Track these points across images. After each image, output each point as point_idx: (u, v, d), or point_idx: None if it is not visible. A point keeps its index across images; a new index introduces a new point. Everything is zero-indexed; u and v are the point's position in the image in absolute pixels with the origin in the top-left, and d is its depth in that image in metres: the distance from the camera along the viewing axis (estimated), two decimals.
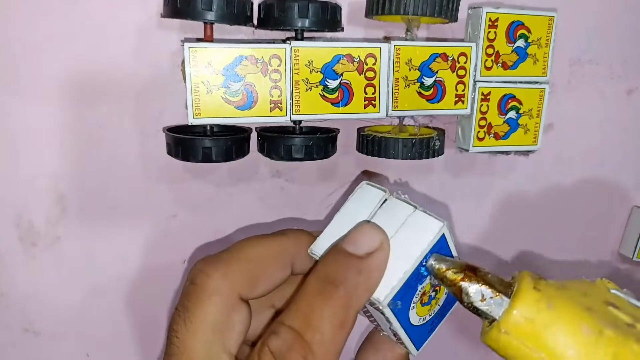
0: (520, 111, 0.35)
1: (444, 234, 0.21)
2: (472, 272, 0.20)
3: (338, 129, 0.34)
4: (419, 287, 0.21)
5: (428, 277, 0.21)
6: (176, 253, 0.36)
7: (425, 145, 0.33)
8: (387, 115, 0.32)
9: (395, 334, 0.22)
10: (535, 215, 0.43)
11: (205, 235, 0.36)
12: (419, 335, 0.23)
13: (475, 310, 0.20)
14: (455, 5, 0.31)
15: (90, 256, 0.35)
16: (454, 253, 0.22)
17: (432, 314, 0.24)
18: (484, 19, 0.33)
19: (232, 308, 0.20)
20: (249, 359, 0.19)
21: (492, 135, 0.35)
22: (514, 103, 0.35)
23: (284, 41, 0.30)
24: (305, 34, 0.31)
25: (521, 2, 0.37)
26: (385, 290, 0.20)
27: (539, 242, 0.44)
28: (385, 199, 0.22)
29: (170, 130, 0.31)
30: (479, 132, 0.35)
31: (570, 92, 0.41)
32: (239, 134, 0.32)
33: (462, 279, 0.20)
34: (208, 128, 0.31)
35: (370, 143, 0.33)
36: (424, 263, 0.21)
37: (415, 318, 0.22)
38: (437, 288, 0.23)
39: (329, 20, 0.30)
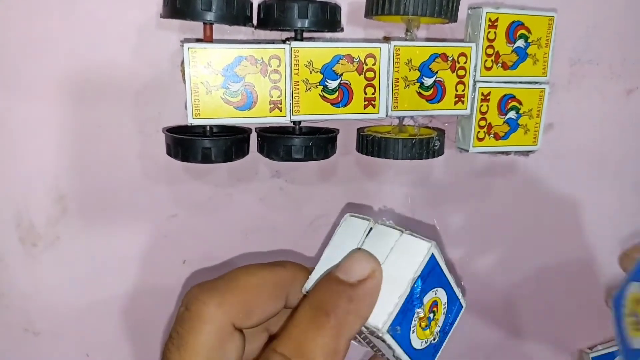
0: (520, 111, 0.35)
1: (433, 254, 0.21)
2: None
3: (338, 129, 0.34)
4: (416, 311, 0.21)
5: (425, 299, 0.22)
6: (176, 253, 0.36)
7: (425, 146, 0.33)
8: (386, 115, 0.32)
9: None
10: (535, 215, 0.43)
11: (205, 236, 0.36)
12: (424, 358, 0.23)
13: None
14: (455, 5, 0.31)
15: (90, 256, 0.35)
16: (445, 270, 0.22)
17: (434, 336, 0.23)
18: (484, 19, 0.33)
19: (226, 336, 0.21)
20: None
21: (492, 135, 0.35)
22: (514, 103, 0.35)
23: (283, 41, 0.30)
24: (305, 34, 0.31)
25: (521, 2, 0.37)
26: (382, 317, 0.20)
27: (539, 242, 0.44)
28: (371, 228, 0.22)
29: (170, 130, 0.31)
30: (479, 132, 0.35)
31: (570, 92, 0.41)
32: (238, 134, 0.32)
33: None
34: (208, 128, 0.31)
35: (370, 143, 0.33)
36: (417, 285, 0.21)
37: (417, 342, 0.22)
38: (435, 308, 0.23)
39: (329, 21, 0.30)
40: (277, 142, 0.31)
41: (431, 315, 0.23)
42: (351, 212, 0.24)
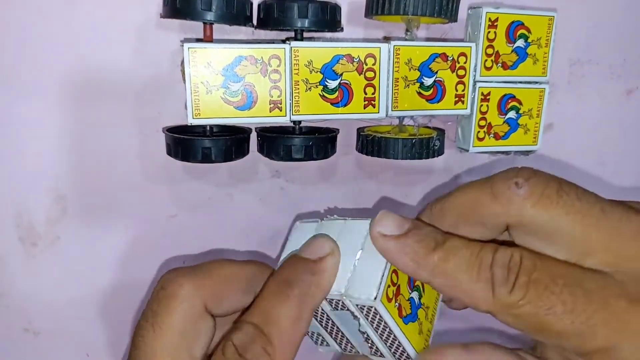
0: (520, 111, 0.35)
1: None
2: None
3: (338, 129, 0.34)
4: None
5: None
6: (176, 253, 0.36)
7: (425, 146, 0.33)
8: (386, 115, 0.32)
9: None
10: None
11: (205, 236, 0.36)
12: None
13: None
14: (455, 5, 0.31)
15: (90, 256, 0.35)
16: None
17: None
18: (484, 19, 0.33)
19: (199, 318, 0.22)
20: (214, 356, 0.20)
21: (492, 135, 0.35)
22: (514, 103, 0.35)
23: (283, 41, 0.30)
24: (305, 34, 0.31)
25: (521, 2, 0.37)
26: (368, 290, 0.21)
27: None
28: (318, 224, 0.26)
29: (170, 130, 0.31)
30: (478, 132, 0.35)
31: (570, 92, 0.41)
32: (238, 134, 0.32)
33: None
34: (207, 128, 0.31)
35: (370, 143, 0.33)
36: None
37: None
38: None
39: (329, 21, 0.30)
40: (277, 141, 0.31)
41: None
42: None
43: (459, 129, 0.36)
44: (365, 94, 0.31)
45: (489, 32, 0.33)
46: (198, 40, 0.31)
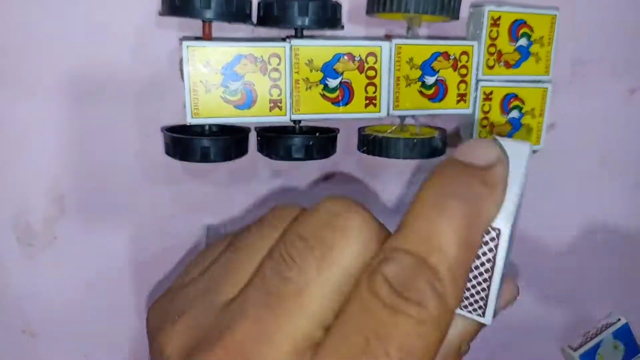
0: (523, 110, 0.35)
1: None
2: None
3: (338, 129, 0.33)
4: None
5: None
6: (175, 253, 0.36)
7: (427, 145, 0.32)
8: (388, 114, 0.32)
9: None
10: (536, 215, 0.43)
11: (205, 236, 0.36)
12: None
13: None
14: (457, 3, 0.31)
15: (88, 257, 0.34)
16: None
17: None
18: (486, 17, 0.32)
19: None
20: (356, 295, 0.15)
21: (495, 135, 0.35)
22: (517, 102, 0.35)
23: (283, 39, 0.30)
24: (305, 32, 0.31)
25: (523, 1, 0.36)
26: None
27: (539, 242, 0.44)
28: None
29: (169, 129, 0.31)
30: (481, 132, 0.34)
31: (572, 91, 0.40)
32: (238, 133, 0.31)
33: None
34: (207, 128, 0.31)
35: (371, 143, 0.32)
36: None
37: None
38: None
39: (329, 19, 0.30)
40: (277, 141, 0.31)
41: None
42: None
43: (461, 128, 0.36)
44: (366, 93, 0.31)
45: (491, 30, 0.33)
46: (197, 38, 0.31)
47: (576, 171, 0.43)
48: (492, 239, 0.17)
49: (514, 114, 0.35)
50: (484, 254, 0.17)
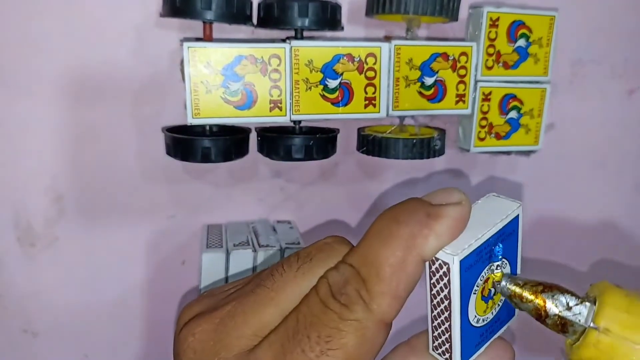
0: (522, 111, 0.35)
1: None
2: (549, 285, 0.19)
3: (338, 129, 0.34)
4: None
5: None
6: (175, 254, 0.36)
7: (426, 145, 0.32)
8: (387, 115, 0.32)
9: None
10: (536, 216, 0.43)
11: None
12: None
13: (562, 323, 0.18)
14: (456, 4, 0.31)
15: (88, 257, 0.35)
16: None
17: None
18: (485, 18, 0.32)
19: None
20: (310, 293, 0.18)
21: (493, 135, 0.35)
22: (515, 103, 0.35)
23: (283, 40, 0.30)
24: (305, 33, 0.31)
25: (522, 2, 0.36)
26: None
27: (538, 242, 0.44)
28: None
29: (170, 130, 0.31)
30: (480, 132, 0.34)
31: (571, 92, 0.41)
32: (238, 134, 0.31)
33: (543, 291, 0.19)
34: (207, 128, 0.31)
35: (371, 143, 0.33)
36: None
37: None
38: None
39: (329, 20, 0.30)
40: (277, 141, 0.31)
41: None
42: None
43: (460, 128, 0.36)
44: (366, 93, 0.31)
45: (490, 31, 0.33)
46: (198, 39, 0.31)
47: (575, 171, 0.43)
48: (445, 274, 0.18)
49: (513, 114, 0.35)
50: (441, 290, 0.18)
